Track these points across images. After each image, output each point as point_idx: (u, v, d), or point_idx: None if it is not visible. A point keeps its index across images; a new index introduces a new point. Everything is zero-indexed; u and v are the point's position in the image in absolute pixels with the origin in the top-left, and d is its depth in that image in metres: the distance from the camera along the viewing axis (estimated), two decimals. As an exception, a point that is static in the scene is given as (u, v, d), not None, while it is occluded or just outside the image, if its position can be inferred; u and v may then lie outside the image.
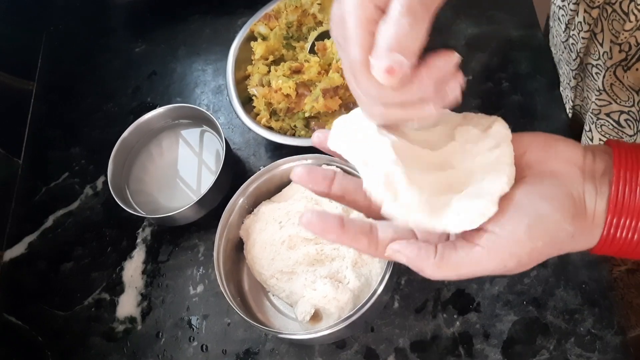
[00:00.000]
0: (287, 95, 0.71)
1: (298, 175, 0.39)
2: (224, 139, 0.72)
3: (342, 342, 0.63)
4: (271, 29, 0.78)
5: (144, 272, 0.73)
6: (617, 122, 0.61)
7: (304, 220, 0.37)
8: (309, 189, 0.39)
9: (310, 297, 0.59)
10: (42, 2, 0.99)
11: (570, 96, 0.70)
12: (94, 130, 0.86)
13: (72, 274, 0.75)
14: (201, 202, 0.69)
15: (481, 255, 0.34)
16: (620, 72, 0.56)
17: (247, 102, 0.75)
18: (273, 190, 0.68)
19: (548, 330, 0.60)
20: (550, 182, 0.35)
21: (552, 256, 0.35)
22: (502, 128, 0.37)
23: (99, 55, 0.94)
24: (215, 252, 0.62)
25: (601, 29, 0.56)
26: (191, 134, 0.79)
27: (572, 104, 0.71)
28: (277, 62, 0.77)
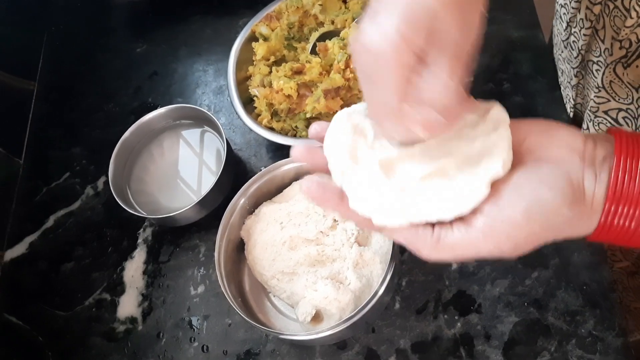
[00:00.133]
0: (289, 96, 0.71)
1: (298, 152, 0.40)
2: (225, 139, 0.72)
3: (343, 343, 0.63)
4: (272, 30, 0.78)
5: (144, 273, 0.73)
6: (615, 119, 0.61)
7: (304, 188, 0.37)
8: (310, 166, 0.40)
9: (311, 298, 0.59)
10: (43, 2, 0.99)
11: (571, 95, 0.70)
12: (94, 130, 0.86)
13: (72, 274, 0.75)
14: (202, 202, 0.69)
15: (477, 237, 0.34)
16: (619, 69, 0.56)
17: (248, 102, 0.75)
18: (274, 191, 0.68)
19: (549, 331, 0.60)
20: (549, 167, 0.35)
21: (549, 241, 0.35)
22: (499, 112, 0.37)
23: (100, 55, 0.94)
24: (216, 253, 0.62)
25: (603, 26, 0.56)
26: (192, 134, 0.79)
27: (573, 103, 0.71)
28: (278, 62, 0.77)
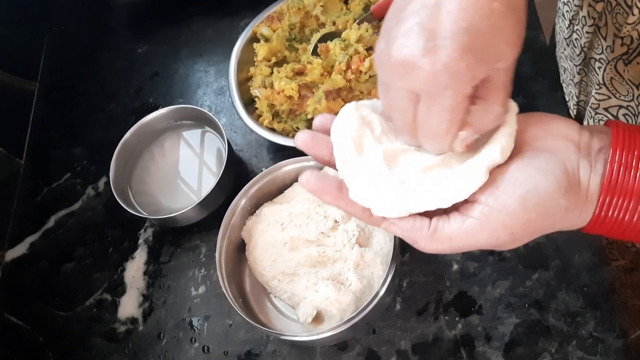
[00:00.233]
0: (290, 97, 0.71)
1: (302, 141, 0.39)
2: (226, 140, 0.72)
3: (344, 343, 0.63)
4: (274, 31, 0.78)
5: (145, 273, 0.73)
6: (616, 117, 0.61)
7: (303, 179, 0.37)
8: (312, 155, 0.39)
9: (312, 299, 0.59)
10: (44, 2, 0.99)
11: (574, 92, 0.71)
12: (95, 131, 0.86)
13: (73, 274, 0.75)
14: (203, 203, 0.69)
15: (474, 227, 0.35)
16: (621, 66, 0.56)
17: (249, 103, 0.75)
18: (275, 191, 0.68)
19: (550, 332, 0.60)
20: (545, 157, 0.35)
21: (545, 232, 0.36)
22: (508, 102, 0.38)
23: (100, 56, 0.94)
24: (217, 254, 0.62)
25: (605, 23, 0.56)
26: (193, 135, 0.79)
27: (576, 100, 0.71)
28: (279, 63, 0.77)
